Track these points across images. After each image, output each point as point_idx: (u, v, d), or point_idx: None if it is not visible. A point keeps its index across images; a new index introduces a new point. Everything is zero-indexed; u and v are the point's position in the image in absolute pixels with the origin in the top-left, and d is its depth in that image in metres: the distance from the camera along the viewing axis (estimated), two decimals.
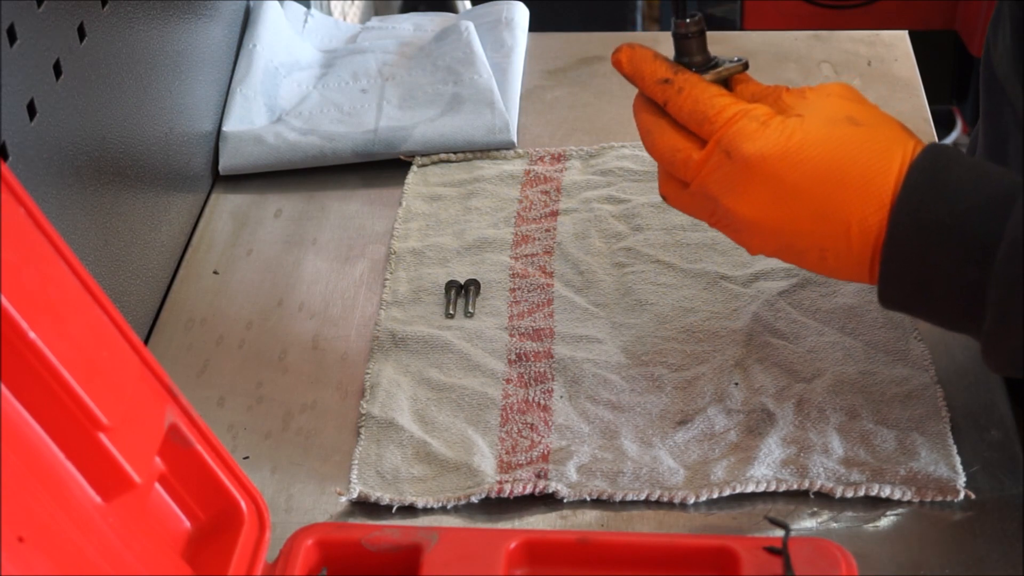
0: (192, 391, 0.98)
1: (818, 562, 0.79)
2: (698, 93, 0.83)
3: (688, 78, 0.84)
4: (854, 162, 0.79)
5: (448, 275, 1.08)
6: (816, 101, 0.83)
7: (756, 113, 0.82)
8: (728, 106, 0.82)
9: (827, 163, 0.79)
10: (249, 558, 0.79)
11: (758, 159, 0.80)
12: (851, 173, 0.79)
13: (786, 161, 0.80)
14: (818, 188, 0.80)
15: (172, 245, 1.13)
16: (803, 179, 0.80)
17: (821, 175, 0.80)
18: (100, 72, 0.98)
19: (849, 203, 0.79)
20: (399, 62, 1.32)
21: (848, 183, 0.79)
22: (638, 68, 0.85)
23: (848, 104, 0.83)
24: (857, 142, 0.80)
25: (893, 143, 0.80)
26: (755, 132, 0.81)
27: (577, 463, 0.91)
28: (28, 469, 0.65)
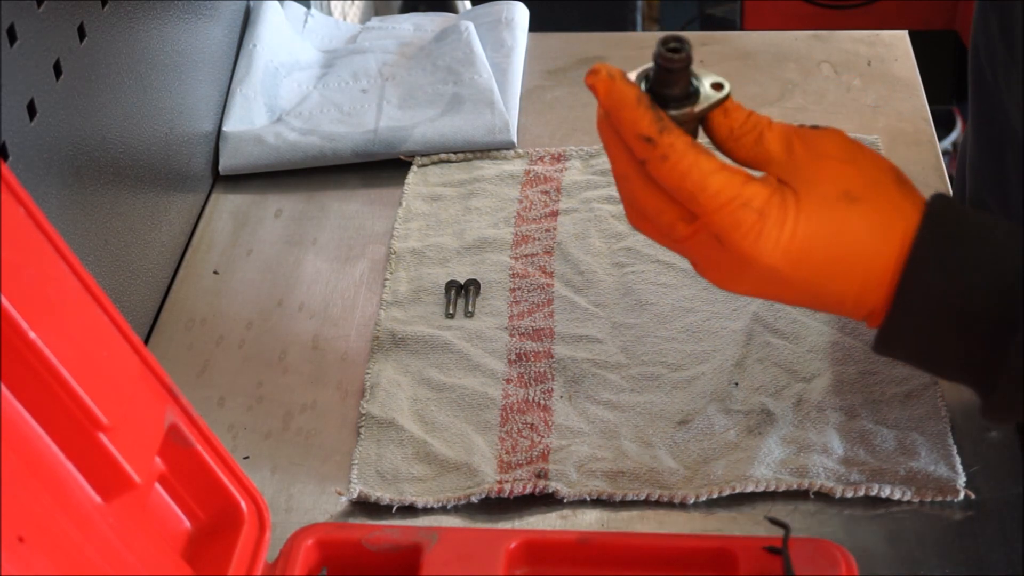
0: (192, 391, 0.97)
1: (818, 562, 0.79)
2: (685, 168, 0.73)
3: (674, 144, 0.73)
4: (853, 250, 0.74)
5: (448, 275, 1.08)
6: (809, 168, 0.75)
7: (752, 202, 0.73)
8: (721, 191, 0.73)
9: (826, 256, 0.74)
10: (249, 558, 0.79)
11: (754, 257, 0.74)
12: (850, 263, 0.74)
13: (785, 260, 0.74)
14: (817, 280, 0.75)
15: (172, 245, 1.13)
16: (802, 274, 0.75)
17: (821, 269, 0.74)
18: (100, 72, 0.98)
19: (848, 290, 0.75)
20: (399, 62, 1.32)
21: (848, 273, 0.75)
22: (616, 109, 0.75)
23: (844, 171, 0.75)
24: (855, 226, 0.74)
25: (892, 218, 0.74)
26: (752, 227, 0.73)
27: (577, 463, 0.91)
28: (28, 469, 0.65)
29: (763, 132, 0.76)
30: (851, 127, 1.21)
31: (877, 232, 0.74)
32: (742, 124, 0.76)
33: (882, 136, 1.20)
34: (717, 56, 1.34)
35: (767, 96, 1.28)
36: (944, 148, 2.49)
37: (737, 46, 1.36)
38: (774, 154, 0.75)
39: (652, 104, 0.74)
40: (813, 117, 1.24)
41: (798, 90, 1.28)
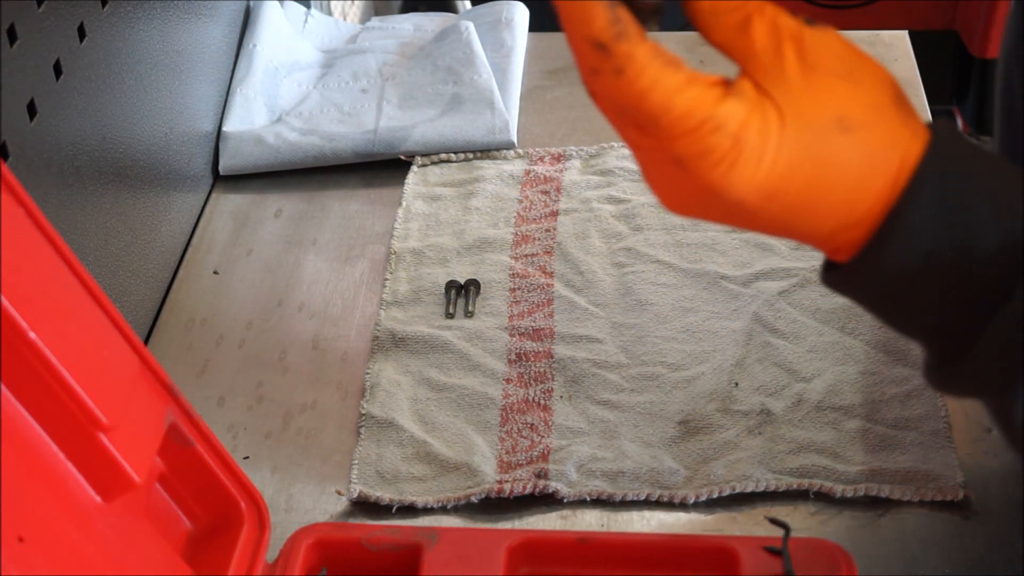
0: (192, 391, 0.98)
1: (818, 562, 0.79)
2: (645, 85, 0.61)
3: (632, 55, 0.61)
4: (838, 186, 0.64)
5: (448, 275, 1.08)
6: (799, 83, 0.63)
7: (727, 125, 0.62)
8: (688, 113, 0.62)
9: (806, 192, 0.64)
10: (249, 558, 0.79)
11: (723, 190, 0.63)
12: (832, 200, 0.64)
13: (759, 195, 0.63)
14: (790, 216, 0.65)
15: (172, 245, 1.13)
16: (774, 209, 0.64)
17: (797, 205, 0.64)
18: (100, 72, 0.98)
19: (822, 226, 0.65)
20: (399, 62, 1.32)
21: (827, 210, 0.65)
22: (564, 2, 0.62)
23: (840, 91, 0.64)
24: (845, 159, 0.64)
25: (888, 151, 0.64)
26: (724, 156, 0.62)
27: (577, 463, 0.91)
28: (28, 469, 0.65)
29: (751, 16, 0.63)
30: None
31: (868, 167, 0.64)
32: (725, 4, 0.63)
33: None
34: (717, 56, 1.33)
35: None
36: None
37: None
38: (759, 51, 0.63)
39: (610, 3, 0.61)
40: None
41: None
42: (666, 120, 0.62)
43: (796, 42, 0.63)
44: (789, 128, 0.63)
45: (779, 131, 0.63)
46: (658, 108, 0.61)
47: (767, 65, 0.63)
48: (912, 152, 0.64)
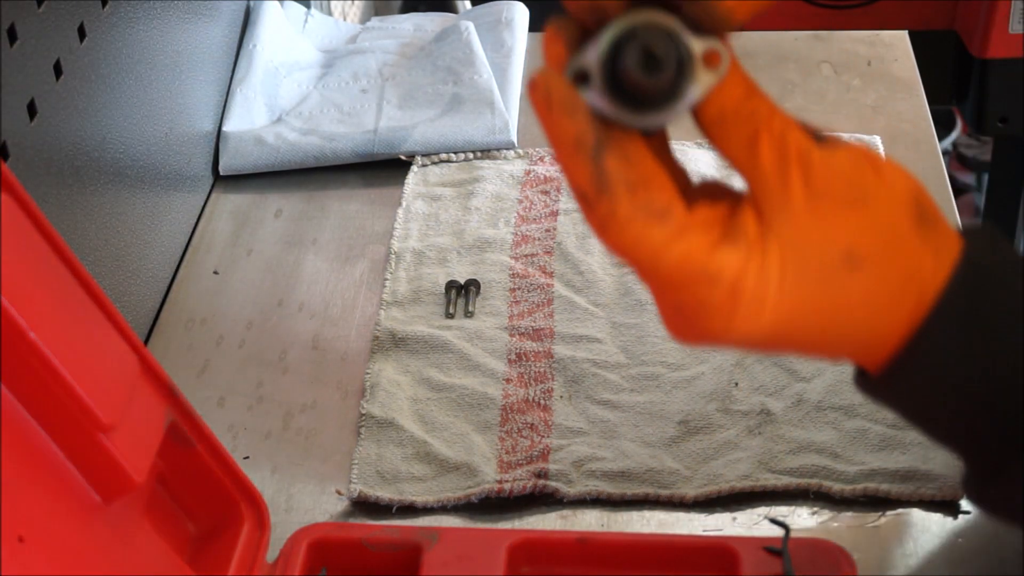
0: (192, 391, 0.97)
1: (818, 562, 0.79)
2: (630, 241, 0.58)
3: (615, 213, 0.58)
4: (850, 323, 0.60)
5: (448, 275, 1.08)
6: (804, 215, 0.59)
7: (722, 276, 0.58)
8: (679, 267, 0.58)
9: (815, 331, 0.60)
10: (249, 558, 0.79)
11: (724, 337, 0.60)
12: (845, 335, 0.61)
13: (762, 337, 0.60)
14: (804, 349, 0.63)
15: (172, 245, 1.13)
16: (786, 346, 0.62)
17: (806, 342, 0.61)
18: (100, 72, 0.98)
19: (837, 354, 0.63)
20: (399, 62, 1.32)
21: (840, 344, 0.62)
22: (554, 145, 0.60)
23: (849, 221, 0.59)
24: (856, 297, 0.59)
25: (906, 283, 0.60)
26: (720, 307, 0.59)
27: (577, 463, 0.91)
28: (28, 469, 0.65)
29: (758, 132, 0.59)
30: (851, 127, 1.21)
31: (881, 303, 0.60)
32: (736, 109, 0.60)
33: (882, 136, 1.20)
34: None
35: None
36: (944, 148, 2.49)
37: (737, 46, 1.35)
38: (765, 172, 0.59)
39: (594, 153, 0.58)
40: (813, 117, 1.23)
41: (798, 90, 1.28)
42: (656, 275, 0.59)
43: (804, 165, 0.59)
44: (791, 270, 0.59)
45: (780, 274, 0.59)
46: (646, 263, 0.59)
47: (772, 189, 0.59)
48: (934, 279, 0.60)
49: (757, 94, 0.60)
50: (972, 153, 2.58)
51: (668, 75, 0.56)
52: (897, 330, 0.60)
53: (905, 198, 0.60)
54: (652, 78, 0.56)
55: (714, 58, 0.57)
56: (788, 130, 0.60)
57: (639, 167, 0.58)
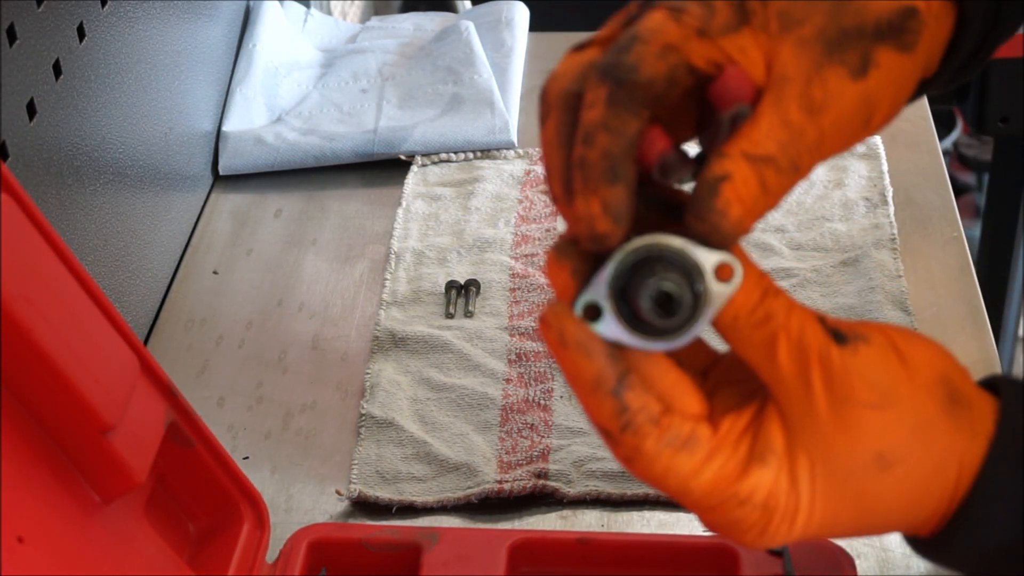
0: (192, 391, 0.97)
1: (818, 562, 0.79)
2: (658, 473, 0.57)
3: (639, 448, 0.57)
4: (886, 519, 0.60)
5: (448, 275, 1.08)
6: (831, 424, 0.57)
7: (753, 498, 0.57)
8: (708, 494, 0.58)
9: (851, 529, 0.60)
10: (249, 558, 0.79)
11: (761, 546, 0.59)
12: (881, 528, 0.61)
13: (799, 540, 0.59)
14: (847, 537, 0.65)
15: (172, 245, 1.13)
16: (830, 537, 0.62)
17: (847, 535, 0.61)
18: (100, 72, 0.98)
19: (888, 531, 0.62)
20: (399, 62, 1.32)
21: (883, 529, 0.61)
22: (572, 384, 0.58)
23: (877, 424, 0.58)
24: (889, 496, 0.58)
25: (939, 475, 0.59)
26: (753, 525, 0.58)
27: (577, 463, 0.91)
28: (28, 469, 0.65)
29: (776, 335, 0.57)
30: None
31: (918, 495, 0.59)
32: (751, 313, 0.57)
33: (882, 136, 1.20)
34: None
35: None
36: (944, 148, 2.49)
37: None
38: (785, 378, 0.57)
39: (614, 390, 0.56)
40: None
41: None
42: (687, 501, 0.58)
43: (824, 368, 0.57)
44: (820, 479, 0.58)
45: (810, 487, 0.58)
46: (676, 491, 0.58)
47: (795, 397, 0.57)
48: (972, 459, 0.59)
49: (772, 294, 0.58)
50: (972, 153, 2.58)
51: (684, 315, 0.55)
52: (939, 510, 0.59)
53: (934, 384, 0.59)
54: (668, 318, 0.55)
55: (726, 271, 0.55)
56: (806, 329, 0.57)
57: (661, 388, 0.58)
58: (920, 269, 1.06)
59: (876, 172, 1.15)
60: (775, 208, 0.57)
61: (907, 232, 1.09)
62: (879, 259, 1.06)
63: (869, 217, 1.10)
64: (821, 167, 1.15)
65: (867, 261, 1.05)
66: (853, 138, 0.59)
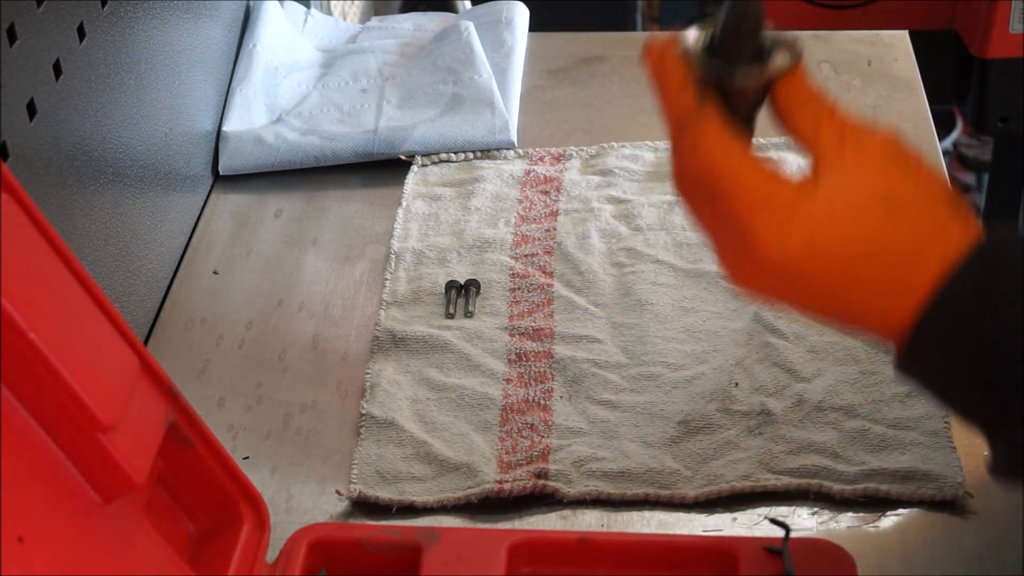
0: (192, 391, 0.97)
1: (818, 562, 0.79)
2: (716, 163, 0.70)
3: (706, 135, 0.70)
4: (883, 257, 0.68)
5: (448, 275, 1.08)
6: (854, 170, 0.69)
7: (779, 201, 0.69)
8: (748, 192, 0.69)
9: (851, 257, 0.69)
10: (249, 558, 0.79)
11: (776, 261, 0.69)
12: (878, 269, 0.69)
13: (806, 254, 0.69)
14: (839, 291, 0.70)
15: (172, 245, 1.13)
16: (823, 282, 0.69)
17: (844, 279, 0.69)
18: (100, 72, 0.98)
19: (872, 300, 0.69)
20: (399, 62, 1.32)
21: (873, 280, 0.69)
22: (661, 88, 0.73)
23: (891, 176, 0.69)
24: (890, 232, 0.68)
25: (935, 234, 0.68)
26: (775, 230, 0.68)
27: (577, 463, 0.91)
28: (28, 469, 0.65)
29: (821, 123, 0.70)
30: None
31: (913, 244, 0.68)
32: (802, 105, 0.71)
33: None
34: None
35: None
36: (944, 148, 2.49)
37: None
38: (824, 145, 0.70)
39: (698, 88, 0.71)
40: None
41: None
42: (728, 196, 0.70)
43: (857, 141, 0.70)
44: (837, 201, 0.69)
45: (828, 202, 0.69)
46: (724, 184, 0.70)
47: (829, 156, 0.70)
48: (958, 244, 0.67)
49: (819, 97, 0.71)
50: (972, 153, 2.58)
51: (756, 34, 0.70)
52: (919, 287, 0.67)
53: (944, 183, 0.71)
54: (743, 32, 0.70)
55: (791, 46, 0.71)
56: (846, 118, 0.71)
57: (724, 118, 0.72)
58: None
59: None
60: None
61: None
62: None
63: None
64: None
65: None
66: None
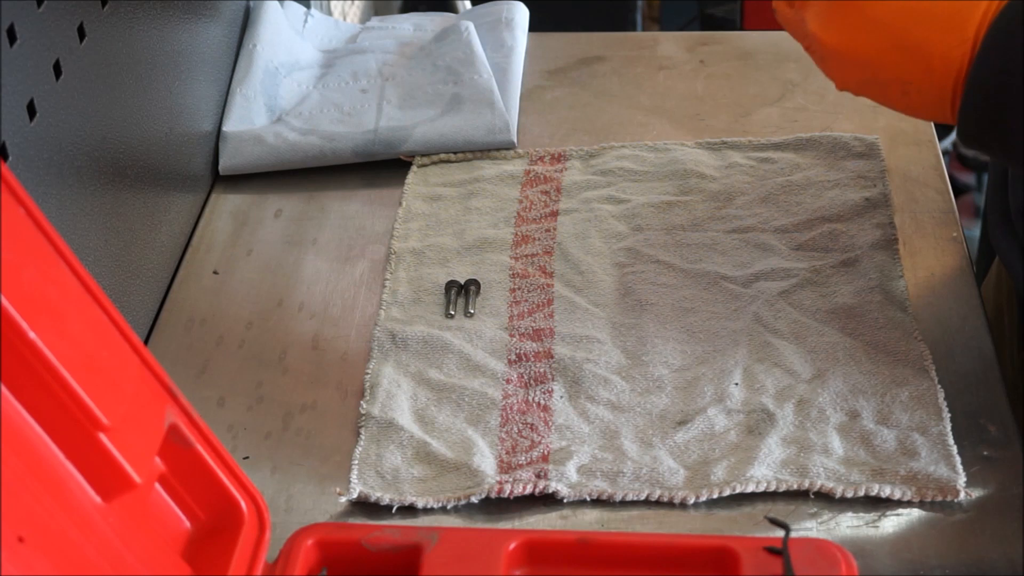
0: (192, 391, 0.98)
1: (818, 562, 0.79)
2: None
3: None
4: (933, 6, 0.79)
5: (448, 275, 1.08)
6: None
7: None
8: None
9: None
10: (249, 558, 0.79)
11: None
12: (936, 7, 0.79)
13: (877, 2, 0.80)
14: (901, 20, 0.80)
15: (172, 245, 1.13)
16: (888, 10, 0.80)
17: (906, 7, 0.80)
18: (100, 72, 0.98)
19: (932, 36, 0.80)
20: (399, 62, 1.32)
21: (933, 16, 0.80)
22: None
23: None
24: None
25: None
26: None
27: (577, 463, 0.91)
28: (28, 469, 0.65)
29: None
30: (851, 127, 1.22)
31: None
32: None
33: (882, 136, 1.20)
34: (717, 56, 1.34)
35: (767, 96, 1.28)
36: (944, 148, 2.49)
37: (737, 46, 1.36)
38: None
39: None
40: (813, 117, 1.24)
41: (798, 90, 1.28)
42: None
43: None
44: None
45: None
46: None
47: None
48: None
49: None
50: (972, 153, 2.58)
51: None
52: (973, 16, 0.79)
53: None
54: None
55: None
56: None
57: None
58: (920, 269, 1.06)
59: (876, 172, 1.15)
60: None
61: (907, 232, 1.09)
62: (879, 259, 1.06)
63: (869, 217, 1.10)
64: (821, 166, 1.16)
65: (867, 261, 1.06)
66: None
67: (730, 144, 1.20)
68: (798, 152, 1.18)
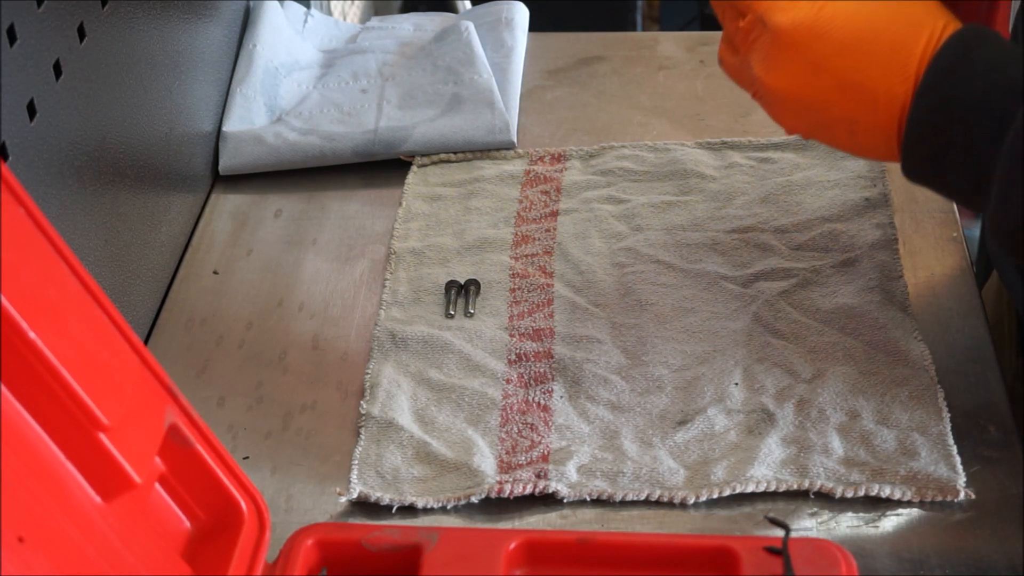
0: (192, 391, 0.98)
1: (818, 562, 0.79)
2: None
3: None
4: (882, 34, 0.80)
5: (448, 275, 1.08)
6: None
7: None
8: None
9: (854, 35, 0.81)
10: (249, 558, 0.79)
11: (788, 29, 0.82)
12: (878, 45, 0.81)
13: (814, 32, 0.81)
14: (845, 60, 0.81)
15: (172, 245, 1.13)
16: (830, 51, 0.81)
17: (848, 47, 0.81)
18: (100, 72, 0.98)
19: (875, 75, 0.81)
20: (399, 62, 1.32)
21: (874, 55, 0.81)
22: None
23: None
24: (887, 15, 0.81)
25: (924, 18, 0.81)
26: (787, 4, 0.82)
27: (577, 463, 0.91)
28: (28, 469, 0.65)
29: None
30: None
31: (907, 25, 0.80)
32: None
33: None
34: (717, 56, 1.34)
35: None
36: None
37: None
38: None
39: None
40: None
41: None
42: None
43: None
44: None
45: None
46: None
47: None
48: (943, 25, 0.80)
49: None
50: None
51: None
52: (913, 55, 0.80)
53: None
54: None
55: None
56: None
57: None
58: (920, 269, 1.06)
59: (876, 172, 1.15)
60: None
61: (907, 232, 1.09)
62: (879, 259, 1.06)
63: (869, 217, 1.10)
64: (821, 166, 1.16)
65: (867, 261, 1.05)
66: None
67: (730, 144, 1.20)
68: (798, 152, 1.18)
